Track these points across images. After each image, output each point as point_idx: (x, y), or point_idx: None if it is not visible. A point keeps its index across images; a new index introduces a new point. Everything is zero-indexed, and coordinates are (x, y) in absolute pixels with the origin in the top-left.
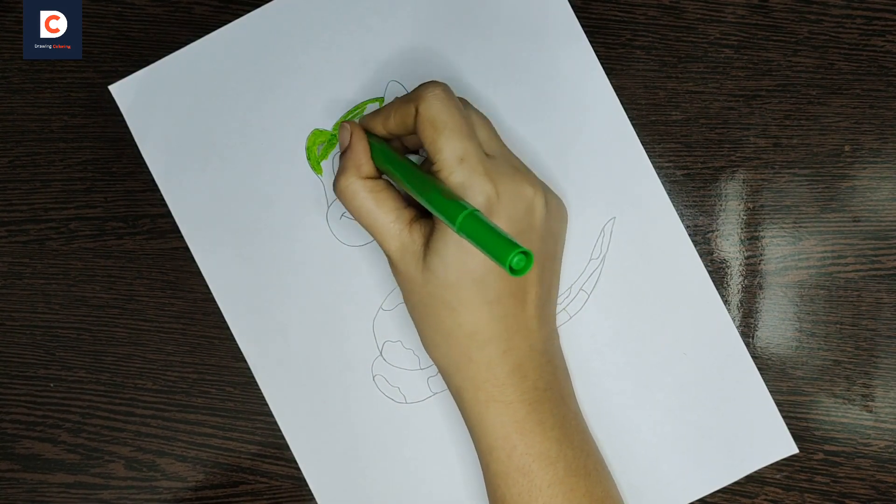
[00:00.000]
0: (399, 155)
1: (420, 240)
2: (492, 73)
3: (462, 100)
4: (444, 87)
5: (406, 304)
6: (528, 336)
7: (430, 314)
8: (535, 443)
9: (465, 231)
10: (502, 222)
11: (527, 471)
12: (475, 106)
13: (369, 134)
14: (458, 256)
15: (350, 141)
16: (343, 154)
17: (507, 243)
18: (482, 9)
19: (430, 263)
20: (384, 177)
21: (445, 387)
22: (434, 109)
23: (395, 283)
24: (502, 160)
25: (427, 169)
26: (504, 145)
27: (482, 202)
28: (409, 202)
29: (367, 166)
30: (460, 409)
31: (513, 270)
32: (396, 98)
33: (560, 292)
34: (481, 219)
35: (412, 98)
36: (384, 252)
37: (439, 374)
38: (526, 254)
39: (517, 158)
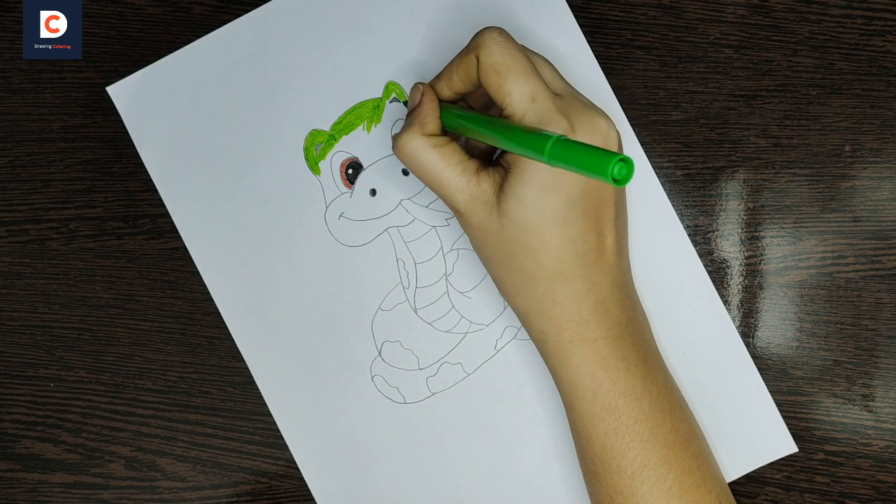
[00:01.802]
0: (469, 111)
1: (490, 188)
2: None
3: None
4: (501, 31)
5: (480, 256)
6: (609, 271)
7: (508, 260)
8: (621, 379)
9: (556, 157)
10: None
11: (613, 408)
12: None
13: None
14: (538, 196)
15: (421, 99)
16: (410, 113)
17: (604, 154)
18: (480, 9)
19: (506, 208)
20: (446, 134)
21: (444, 387)
22: (495, 55)
23: (393, 283)
24: (570, 97)
25: (498, 117)
26: (569, 84)
27: None
28: (473, 155)
29: (433, 124)
30: (542, 353)
31: (616, 181)
32: (455, 56)
33: None
34: (570, 141)
35: (471, 48)
36: (452, 206)
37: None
38: (625, 160)
39: (583, 96)
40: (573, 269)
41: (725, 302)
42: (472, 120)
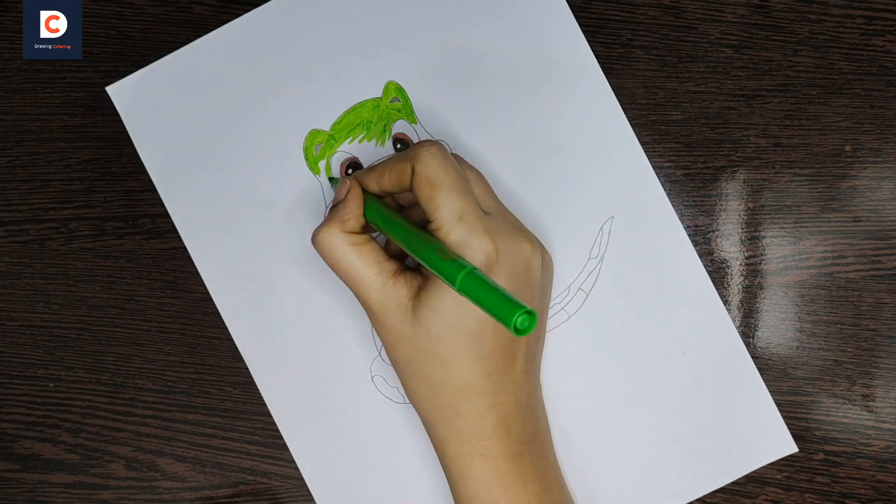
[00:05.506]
0: (393, 213)
1: (406, 293)
2: (490, 73)
3: (455, 156)
4: (440, 146)
5: (389, 357)
6: (514, 390)
7: (417, 367)
8: (517, 496)
9: (465, 290)
10: (502, 279)
11: None
12: (468, 161)
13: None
14: (454, 310)
15: (346, 196)
16: (333, 206)
17: (510, 303)
18: (480, 8)
19: (421, 317)
20: (367, 232)
21: None
22: (431, 167)
23: None
24: (499, 217)
25: (424, 227)
26: (499, 201)
27: (482, 259)
28: (392, 255)
29: (354, 221)
30: (442, 463)
31: (517, 330)
32: (391, 157)
33: (559, 291)
34: (482, 277)
35: (407, 157)
36: (365, 304)
37: None
38: (530, 313)
39: (512, 214)
40: (479, 385)
41: (725, 302)
42: (392, 225)
